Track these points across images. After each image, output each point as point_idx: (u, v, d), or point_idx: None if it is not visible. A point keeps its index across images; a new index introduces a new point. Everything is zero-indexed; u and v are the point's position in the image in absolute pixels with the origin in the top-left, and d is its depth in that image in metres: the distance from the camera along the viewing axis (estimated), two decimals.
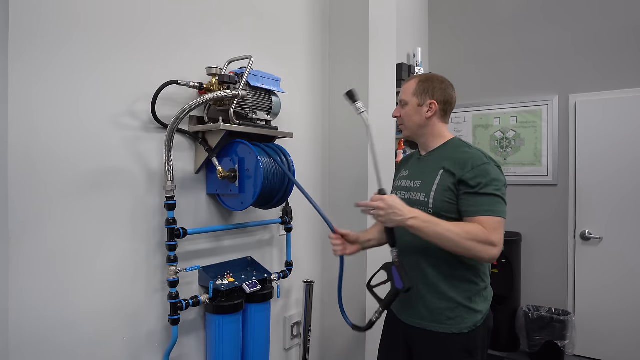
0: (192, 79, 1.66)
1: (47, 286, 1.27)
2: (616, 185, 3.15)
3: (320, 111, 2.44)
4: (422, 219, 1.31)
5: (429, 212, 1.39)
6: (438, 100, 1.49)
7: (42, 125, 1.26)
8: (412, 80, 1.54)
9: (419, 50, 3.41)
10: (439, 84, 1.50)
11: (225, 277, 1.70)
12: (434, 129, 1.51)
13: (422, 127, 1.51)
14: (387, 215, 1.32)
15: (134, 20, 1.49)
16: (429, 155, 1.54)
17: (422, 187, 1.46)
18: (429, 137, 1.53)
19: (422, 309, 1.44)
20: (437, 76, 1.54)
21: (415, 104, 1.50)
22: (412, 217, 1.30)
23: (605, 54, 3.21)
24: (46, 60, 1.26)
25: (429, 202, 1.40)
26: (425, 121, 1.50)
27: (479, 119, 3.74)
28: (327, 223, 1.62)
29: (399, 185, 1.60)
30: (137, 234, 1.51)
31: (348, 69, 2.39)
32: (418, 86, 1.50)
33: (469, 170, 1.35)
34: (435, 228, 1.29)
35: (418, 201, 1.44)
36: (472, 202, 1.34)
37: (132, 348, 1.50)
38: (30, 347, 1.23)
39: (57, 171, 1.29)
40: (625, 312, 3.10)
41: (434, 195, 1.40)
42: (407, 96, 1.52)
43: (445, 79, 1.54)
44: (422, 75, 1.55)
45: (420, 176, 1.50)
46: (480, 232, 1.28)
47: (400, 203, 1.33)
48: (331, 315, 2.46)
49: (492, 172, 1.35)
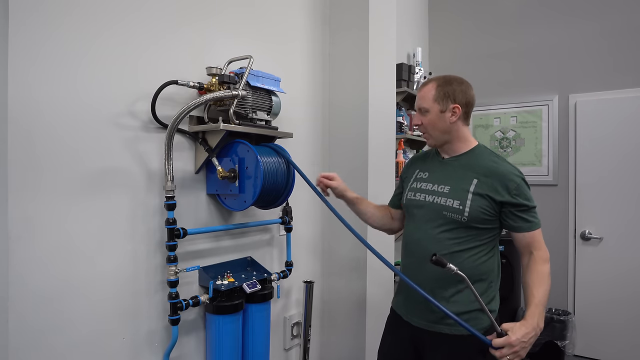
0: (192, 79, 1.66)
1: (46, 286, 1.27)
2: (616, 185, 3.15)
3: (320, 111, 2.44)
4: (542, 317, 1.30)
5: (464, 220, 1.38)
6: (461, 104, 1.43)
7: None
8: (429, 85, 1.46)
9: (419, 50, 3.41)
10: (458, 85, 1.44)
11: (225, 277, 1.70)
12: (459, 133, 1.47)
13: (447, 132, 1.46)
14: (523, 352, 1.25)
15: (135, 20, 1.49)
16: (454, 160, 1.49)
17: (452, 193, 1.41)
18: (454, 142, 1.48)
19: (436, 312, 1.40)
20: (455, 77, 1.47)
21: (437, 111, 1.43)
22: (539, 327, 1.28)
23: (605, 54, 3.21)
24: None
25: (465, 211, 1.38)
26: (450, 126, 1.44)
27: (479, 119, 3.74)
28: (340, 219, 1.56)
29: (419, 187, 1.52)
30: (137, 234, 1.51)
31: (348, 68, 2.39)
32: (438, 91, 1.43)
33: (514, 190, 1.36)
34: (545, 302, 1.33)
35: (450, 207, 1.40)
36: (520, 220, 1.39)
37: (132, 348, 1.50)
38: (30, 346, 1.23)
39: (56, 169, 1.29)
40: (626, 312, 3.10)
41: (471, 204, 1.38)
42: (428, 103, 1.45)
43: (464, 79, 1.48)
44: (439, 79, 1.47)
45: (447, 181, 1.45)
46: (543, 260, 1.38)
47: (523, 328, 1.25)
48: (331, 315, 2.46)
49: (525, 184, 1.40)
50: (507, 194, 1.36)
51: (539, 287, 1.34)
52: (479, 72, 3.69)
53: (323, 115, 2.46)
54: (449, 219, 1.41)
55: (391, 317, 1.62)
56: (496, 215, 1.40)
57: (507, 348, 1.21)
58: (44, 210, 1.26)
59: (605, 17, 3.21)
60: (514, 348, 1.21)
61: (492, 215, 1.39)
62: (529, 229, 1.39)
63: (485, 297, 1.41)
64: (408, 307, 1.51)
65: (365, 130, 2.30)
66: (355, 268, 2.34)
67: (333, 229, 2.42)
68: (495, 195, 1.37)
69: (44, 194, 1.26)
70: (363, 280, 2.31)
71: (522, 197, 1.37)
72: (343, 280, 2.41)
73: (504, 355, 1.19)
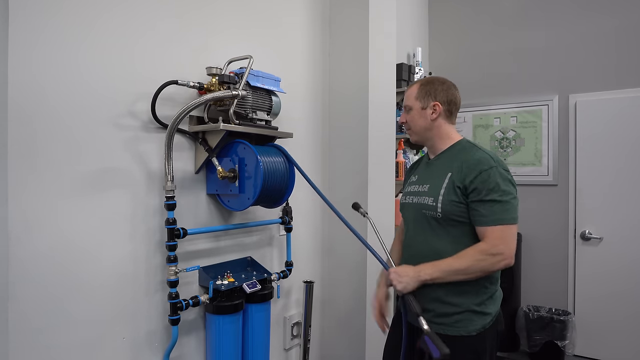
0: (192, 79, 1.66)
1: (46, 286, 1.27)
2: (616, 185, 3.15)
3: (320, 111, 2.44)
4: (429, 270, 1.36)
5: (439, 215, 1.40)
6: (441, 101, 1.49)
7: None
8: (414, 85, 1.55)
9: (419, 50, 3.41)
10: (440, 85, 1.51)
11: (225, 277, 1.70)
12: (440, 131, 1.51)
13: (429, 129, 1.51)
14: (402, 284, 1.36)
15: (135, 20, 1.49)
16: (437, 158, 1.53)
17: (430, 191, 1.46)
18: (436, 139, 1.52)
19: (430, 313, 1.41)
20: (438, 78, 1.55)
21: (419, 108, 1.51)
22: (420, 272, 1.36)
23: (605, 54, 3.21)
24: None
25: (437, 207, 1.40)
26: (431, 123, 1.50)
27: (479, 119, 3.74)
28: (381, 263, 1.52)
29: (409, 191, 1.58)
30: (137, 234, 1.51)
31: (348, 68, 2.39)
32: (420, 90, 1.51)
33: (475, 176, 1.34)
34: (444, 269, 1.34)
35: (427, 205, 1.44)
36: (478, 212, 1.35)
37: (132, 348, 1.50)
38: (30, 346, 1.23)
39: (56, 169, 1.29)
40: (625, 312, 3.10)
41: (442, 199, 1.39)
42: (411, 101, 1.53)
43: (447, 80, 1.55)
44: (424, 79, 1.56)
45: (428, 180, 1.50)
46: (482, 249, 1.33)
47: (404, 267, 1.39)
48: (331, 315, 2.46)
49: (496, 176, 1.33)
50: (466, 178, 1.36)
51: (451, 258, 1.36)
52: (479, 72, 3.69)
53: (323, 115, 2.46)
54: (428, 216, 1.44)
55: (396, 317, 1.63)
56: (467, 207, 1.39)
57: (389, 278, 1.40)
58: (43, 210, 1.26)
59: (605, 17, 3.21)
60: (390, 277, 1.39)
61: (465, 207, 1.37)
62: (482, 223, 1.34)
63: (476, 298, 1.40)
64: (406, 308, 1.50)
65: (366, 131, 2.31)
66: (355, 268, 2.34)
67: (333, 228, 2.42)
68: (460, 183, 1.37)
69: (44, 194, 1.26)
70: (363, 280, 2.31)
71: (488, 189, 1.32)
72: (343, 280, 2.41)
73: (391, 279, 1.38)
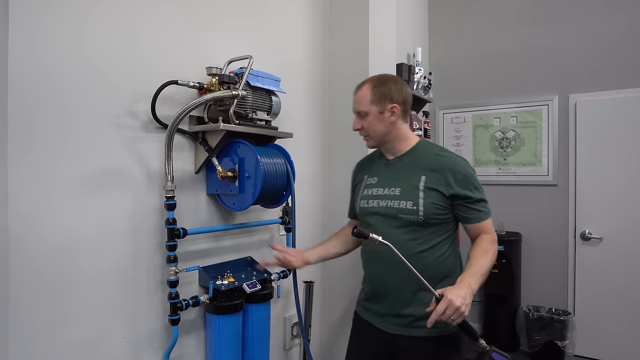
0: (192, 79, 1.66)
1: (46, 285, 1.27)
2: (616, 185, 3.15)
3: (320, 111, 2.44)
4: (475, 280, 1.24)
5: (420, 219, 1.37)
6: (398, 102, 1.43)
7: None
8: (364, 88, 1.46)
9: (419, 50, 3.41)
10: (394, 84, 1.44)
11: (225, 277, 1.70)
12: (399, 132, 1.47)
13: (387, 133, 1.46)
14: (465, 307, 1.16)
15: (134, 19, 1.49)
16: (398, 160, 1.49)
17: (404, 194, 1.41)
18: (395, 141, 1.48)
19: (410, 317, 1.40)
20: (389, 76, 1.47)
21: (376, 112, 1.43)
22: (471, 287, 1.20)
23: (605, 54, 3.21)
24: None
25: (419, 210, 1.37)
26: (390, 126, 1.44)
27: (479, 119, 3.74)
28: None
29: (370, 194, 1.50)
30: (137, 233, 1.51)
31: (348, 68, 2.39)
32: (374, 93, 1.43)
33: (460, 179, 1.37)
34: (483, 273, 1.28)
35: (405, 209, 1.39)
36: (473, 210, 1.39)
37: (132, 348, 1.50)
38: (30, 346, 1.23)
39: (56, 169, 1.29)
40: (625, 312, 3.10)
41: (423, 202, 1.37)
42: (365, 106, 1.44)
43: (397, 77, 1.49)
44: (374, 79, 1.47)
45: (397, 183, 1.44)
46: (490, 241, 1.37)
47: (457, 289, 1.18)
48: (331, 315, 2.46)
49: (473, 175, 1.40)
50: (456, 186, 1.37)
51: (480, 258, 1.32)
52: (479, 72, 3.69)
53: (323, 114, 2.46)
54: (406, 220, 1.40)
55: (359, 324, 1.56)
56: (449, 208, 1.40)
57: (450, 308, 1.14)
58: (44, 209, 1.26)
59: (605, 17, 3.20)
60: (455, 304, 1.14)
61: (446, 209, 1.39)
62: (479, 219, 1.40)
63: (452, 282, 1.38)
64: (380, 315, 1.47)
65: None
66: (355, 268, 2.34)
67: (333, 228, 2.42)
68: (444, 188, 1.37)
69: (44, 194, 1.26)
70: None
71: (470, 188, 1.38)
72: (343, 280, 2.41)
73: (448, 315, 1.15)
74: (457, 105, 3.79)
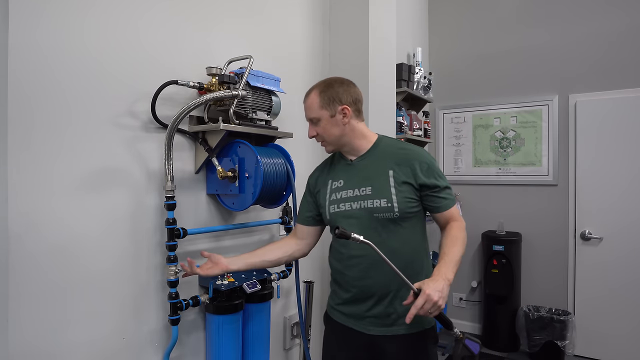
0: (192, 79, 1.66)
1: (46, 285, 1.27)
2: (616, 185, 3.15)
3: None
4: (450, 270, 1.27)
5: (396, 216, 1.38)
6: (348, 103, 1.42)
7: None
8: (311, 94, 1.45)
9: (419, 50, 3.41)
10: (340, 86, 1.44)
11: (225, 277, 1.70)
12: (355, 132, 1.46)
13: (344, 135, 1.44)
14: (442, 300, 1.19)
15: (134, 19, 1.49)
16: (362, 159, 1.47)
17: (376, 192, 1.40)
18: (354, 141, 1.47)
19: (393, 317, 1.41)
20: (335, 79, 1.48)
21: (327, 117, 1.42)
22: (447, 278, 1.24)
23: (605, 54, 3.21)
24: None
25: (394, 207, 1.37)
26: (344, 128, 1.43)
27: (479, 119, 3.74)
28: None
29: (340, 198, 1.46)
30: (137, 233, 1.51)
31: (348, 68, 2.39)
32: (322, 98, 1.42)
33: (425, 169, 1.40)
34: (456, 261, 1.32)
35: (379, 208, 1.38)
36: (440, 199, 1.43)
37: (132, 348, 1.50)
38: (30, 346, 1.23)
39: (56, 168, 1.29)
40: (625, 312, 3.11)
41: (397, 198, 1.38)
42: (315, 112, 1.43)
43: (344, 79, 1.48)
44: (320, 85, 1.46)
45: (366, 182, 1.42)
46: (459, 227, 1.42)
47: (433, 282, 1.21)
48: None
49: (435, 164, 1.44)
50: (422, 176, 1.40)
51: (452, 247, 1.35)
52: (479, 72, 3.69)
53: None
54: (382, 218, 1.39)
55: (335, 331, 1.54)
56: (419, 200, 1.43)
57: (428, 302, 1.17)
58: (43, 209, 1.26)
59: (605, 17, 3.21)
60: (433, 298, 1.17)
61: (417, 201, 1.42)
62: (447, 206, 1.43)
63: (425, 272, 1.44)
64: (362, 318, 1.45)
65: None
66: None
67: None
68: (413, 180, 1.40)
69: (44, 193, 1.26)
70: None
71: (436, 177, 1.41)
72: None
73: (427, 309, 1.18)
74: (457, 105, 3.79)
